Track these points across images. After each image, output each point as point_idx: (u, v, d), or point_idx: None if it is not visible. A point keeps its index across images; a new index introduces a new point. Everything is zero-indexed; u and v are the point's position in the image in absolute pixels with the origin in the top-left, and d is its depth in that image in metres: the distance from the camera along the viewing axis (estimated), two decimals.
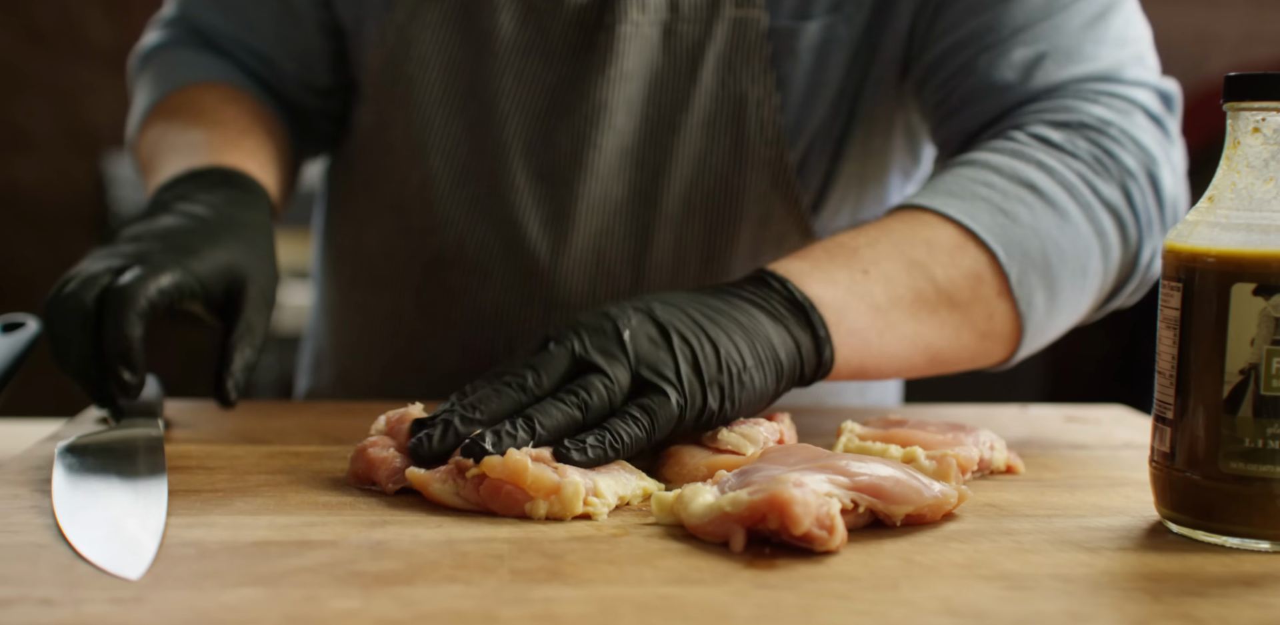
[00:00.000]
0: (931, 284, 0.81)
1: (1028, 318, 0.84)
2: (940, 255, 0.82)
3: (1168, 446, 0.65)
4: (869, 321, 0.79)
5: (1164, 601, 0.55)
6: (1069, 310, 0.87)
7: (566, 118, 0.99)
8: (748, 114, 0.98)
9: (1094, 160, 0.88)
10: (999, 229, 0.83)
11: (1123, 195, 0.87)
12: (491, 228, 1.02)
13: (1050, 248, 0.84)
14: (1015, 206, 0.84)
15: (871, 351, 0.80)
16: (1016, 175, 0.86)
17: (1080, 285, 0.86)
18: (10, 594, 0.53)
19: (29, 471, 0.73)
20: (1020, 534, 0.65)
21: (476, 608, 0.52)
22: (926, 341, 0.82)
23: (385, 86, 1.03)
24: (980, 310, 0.83)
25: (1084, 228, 0.86)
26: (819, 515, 0.60)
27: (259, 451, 0.79)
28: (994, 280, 0.83)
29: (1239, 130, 0.63)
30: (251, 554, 0.59)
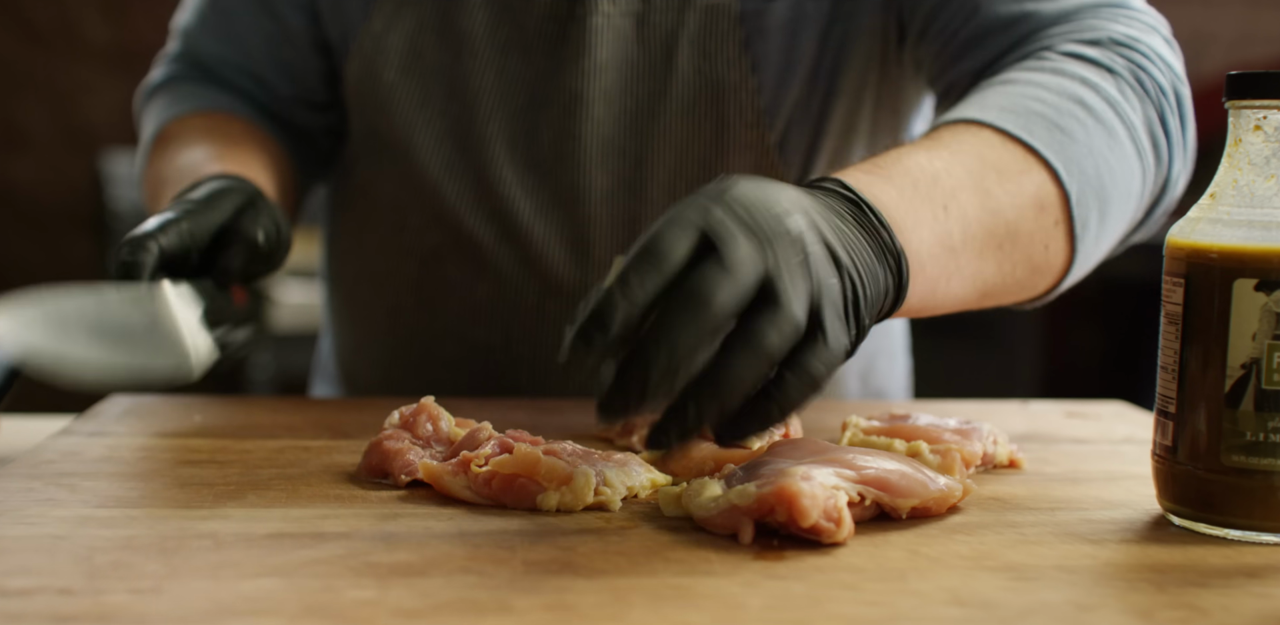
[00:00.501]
0: (1001, 219, 0.77)
1: (1080, 244, 0.81)
2: (1009, 184, 0.77)
3: (1170, 440, 0.66)
4: (942, 267, 0.74)
5: (1168, 592, 0.56)
6: (1109, 237, 0.84)
7: (546, 110, 1.01)
8: (726, 99, 0.99)
9: (1132, 76, 0.85)
10: (1057, 146, 0.79)
11: (1157, 114, 0.85)
12: (484, 220, 1.04)
13: (1103, 168, 0.81)
14: (1069, 122, 0.80)
15: (936, 296, 0.75)
16: (1064, 91, 0.82)
17: (1125, 208, 0.83)
18: (30, 584, 0.53)
19: (42, 465, 0.74)
20: (1024, 526, 0.65)
21: (491, 598, 0.53)
22: (985, 279, 0.78)
23: (366, 94, 1.05)
24: (1039, 242, 0.79)
25: (1128, 148, 0.83)
26: (826, 508, 0.61)
27: (269, 446, 0.80)
28: (1055, 206, 0.79)
29: (1240, 128, 0.64)
30: (267, 546, 0.59)
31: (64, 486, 0.69)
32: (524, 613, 0.51)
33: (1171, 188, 0.88)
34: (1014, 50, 0.90)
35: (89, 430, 0.84)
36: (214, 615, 0.50)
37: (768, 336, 0.58)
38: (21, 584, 0.53)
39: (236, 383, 2.91)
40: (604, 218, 1.02)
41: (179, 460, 0.76)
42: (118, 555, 0.57)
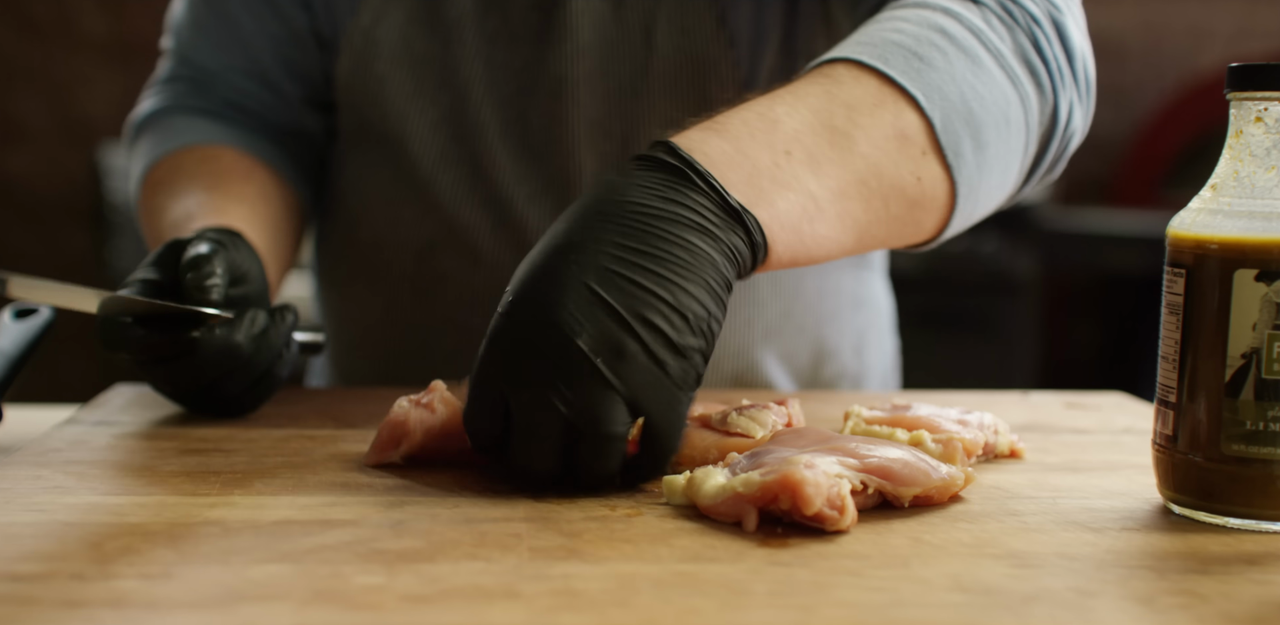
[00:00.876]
0: (857, 155, 0.76)
1: (958, 172, 0.80)
2: (862, 117, 0.76)
3: (1170, 429, 0.66)
4: (800, 210, 0.73)
5: (1168, 579, 0.56)
6: (999, 167, 0.83)
7: (534, 96, 1.02)
8: (707, 74, 1.00)
9: (999, 7, 0.84)
10: (914, 73, 0.78)
11: (1031, 43, 0.84)
12: (478, 208, 1.04)
13: (969, 93, 0.80)
14: (928, 51, 0.80)
15: (804, 242, 0.74)
16: (925, 21, 0.82)
17: (1005, 137, 0.82)
18: (42, 569, 0.54)
19: (49, 453, 0.74)
20: (1026, 515, 0.66)
21: (498, 583, 0.53)
22: (855, 218, 0.77)
23: (358, 87, 1.05)
24: (908, 173, 0.78)
25: (998, 74, 0.81)
26: (830, 496, 0.61)
27: (274, 435, 0.81)
28: (920, 135, 0.78)
29: (1241, 119, 0.65)
30: (274, 532, 0.60)
31: (72, 474, 0.70)
32: (531, 598, 0.52)
33: (1063, 119, 0.86)
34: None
35: (94, 420, 0.84)
36: (225, 600, 0.51)
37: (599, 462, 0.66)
38: (33, 569, 0.54)
39: None
40: None
41: (185, 449, 0.76)
42: (127, 541, 0.58)
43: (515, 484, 0.69)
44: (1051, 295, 3.49)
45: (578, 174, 1.02)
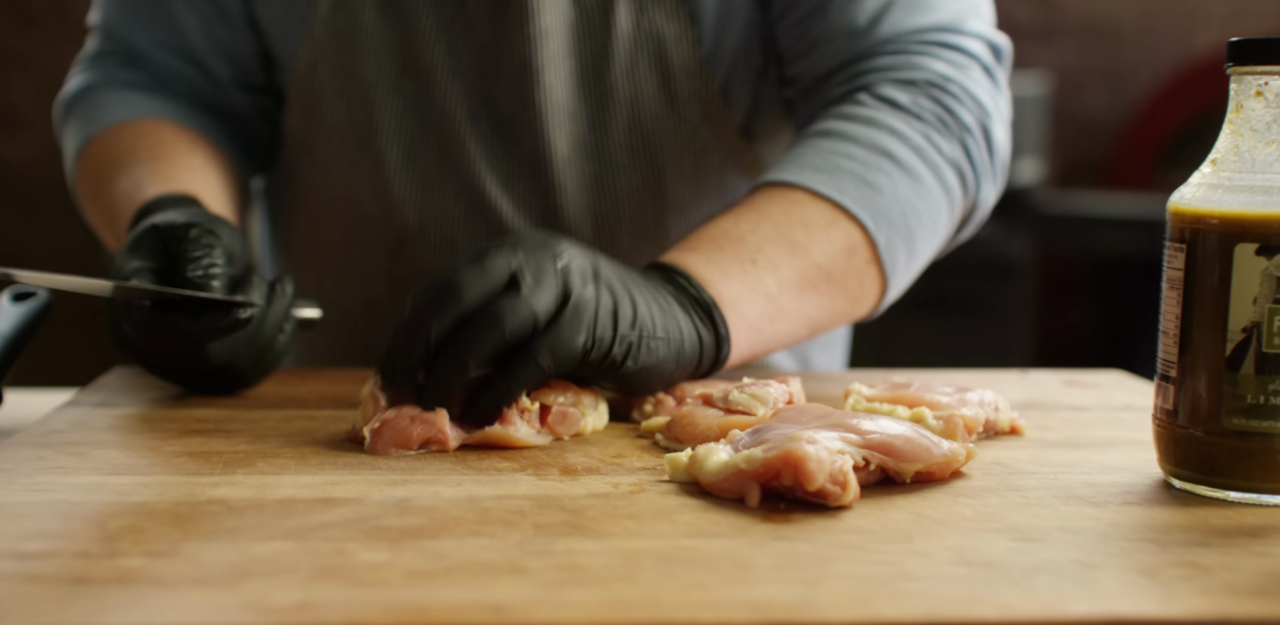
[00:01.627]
0: (812, 264, 0.87)
1: (891, 277, 0.92)
2: (817, 234, 0.87)
3: (1171, 404, 0.66)
4: (761, 310, 0.84)
5: (1170, 551, 0.57)
6: (922, 261, 0.96)
7: (499, 81, 1.01)
8: (668, 52, 1.01)
9: (937, 120, 0.94)
10: (865, 200, 0.89)
11: (963, 151, 0.95)
12: (450, 198, 1.04)
13: (909, 212, 0.91)
14: (877, 177, 0.91)
15: (764, 338, 0.85)
16: (873, 144, 0.92)
17: (932, 239, 0.95)
18: (47, 547, 0.54)
19: (51, 434, 0.74)
20: (1027, 490, 0.66)
21: (503, 559, 0.54)
22: (809, 316, 0.88)
23: (320, 80, 1.03)
24: (854, 280, 0.90)
25: (934, 187, 0.93)
26: (832, 471, 0.62)
27: (275, 416, 0.81)
28: (864, 249, 0.89)
29: (1242, 94, 0.65)
30: (278, 511, 0.60)
31: (74, 455, 0.70)
32: (536, 573, 0.52)
33: (980, 207, 0.99)
34: (843, 68, 0.99)
35: (94, 401, 0.85)
36: (230, 577, 0.51)
37: (499, 313, 0.71)
38: (38, 547, 0.54)
39: None
40: (569, 183, 1.03)
41: (186, 430, 0.76)
42: (131, 520, 0.58)
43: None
44: (1047, 278, 3.49)
45: (549, 158, 1.02)
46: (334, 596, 0.49)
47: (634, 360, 0.76)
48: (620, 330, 0.75)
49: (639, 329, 0.76)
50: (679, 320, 0.79)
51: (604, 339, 0.74)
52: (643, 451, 0.74)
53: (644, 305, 0.77)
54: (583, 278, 0.75)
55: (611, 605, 0.49)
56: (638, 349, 0.76)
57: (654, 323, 0.77)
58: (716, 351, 0.82)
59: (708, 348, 0.81)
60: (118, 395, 0.87)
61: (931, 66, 0.96)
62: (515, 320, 0.71)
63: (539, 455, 0.72)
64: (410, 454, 0.71)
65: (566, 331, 0.73)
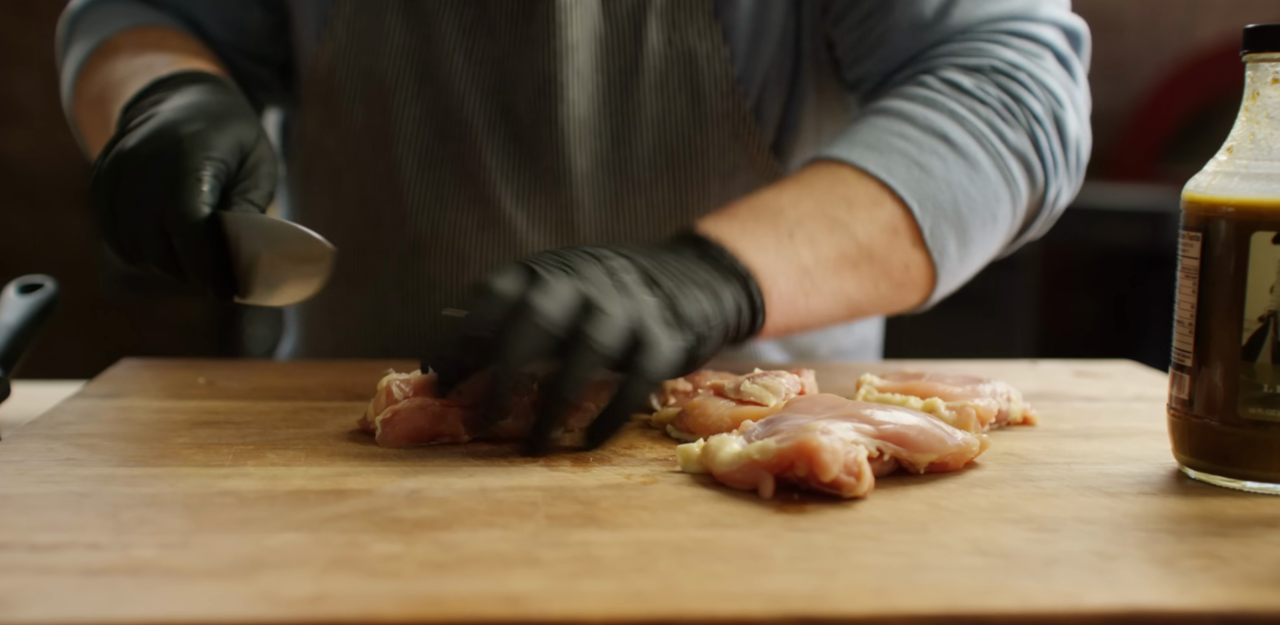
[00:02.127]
0: (852, 241, 0.84)
1: (941, 266, 0.88)
2: (859, 212, 0.85)
3: (1186, 394, 0.66)
4: (796, 284, 0.82)
5: (1188, 542, 0.56)
6: (980, 254, 0.91)
7: (520, 92, 0.99)
8: (700, 69, 0.98)
9: (1003, 107, 0.90)
10: (914, 182, 0.86)
11: (1030, 142, 0.90)
12: (463, 209, 1.02)
13: (961, 199, 0.87)
14: (929, 159, 0.87)
15: (799, 312, 0.83)
16: (930, 126, 0.88)
17: (990, 231, 0.90)
18: (59, 539, 0.53)
19: (60, 426, 0.74)
20: (1041, 480, 0.66)
21: (517, 550, 0.53)
22: (848, 295, 0.85)
23: (339, 81, 1.01)
24: (897, 261, 0.86)
25: (993, 176, 0.88)
26: (847, 462, 0.61)
27: (285, 407, 0.80)
28: (909, 232, 0.86)
29: (1258, 81, 0.64)
30: (290, 502, 0.60)
31: (84, 447, 0.69)
32: (551, 565, 0.52)
33: (1051, 201, 0.94)
34: (909, 63, 0.95)
35: (103, 393, 0.84)
36: (243, 569, 0.51)
37: (598, 338, 0.68)
38: (51, 539, 0.53)
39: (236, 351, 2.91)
40: (587, 200, 1.01)
41: (196, 422, 0.76)
42: (143, 511, 0.58)
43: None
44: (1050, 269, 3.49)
45: (568, 173, 1.00)
46: (348, 588, 0.49)
47: (705, 351, 0.75)
48: (697, 329, 0.73)
49: (706, 321, 0.74)
50: (720, 293, 0.76)
51: (690, 340, 0.73)
52: (654, 442, 0.73)
53: (695, 295, 0.75)
54: (641, 286, 0.73)
55: (628, 596, 0.49)
56: (709, 339, 0.74)
57: (706, 308, 0.75)
58: (752, 321, 0.79)
59: (745, 318, 0.78)
60: (126, 387, 0.86)
61: (1000, 54, 0.92)
62: (614, 339, 0.69)
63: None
64: (421, 446, 0.71)
65: (658, 344, 0.70)
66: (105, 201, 0.78)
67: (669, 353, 0.70)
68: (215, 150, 0.77)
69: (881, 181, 0.85)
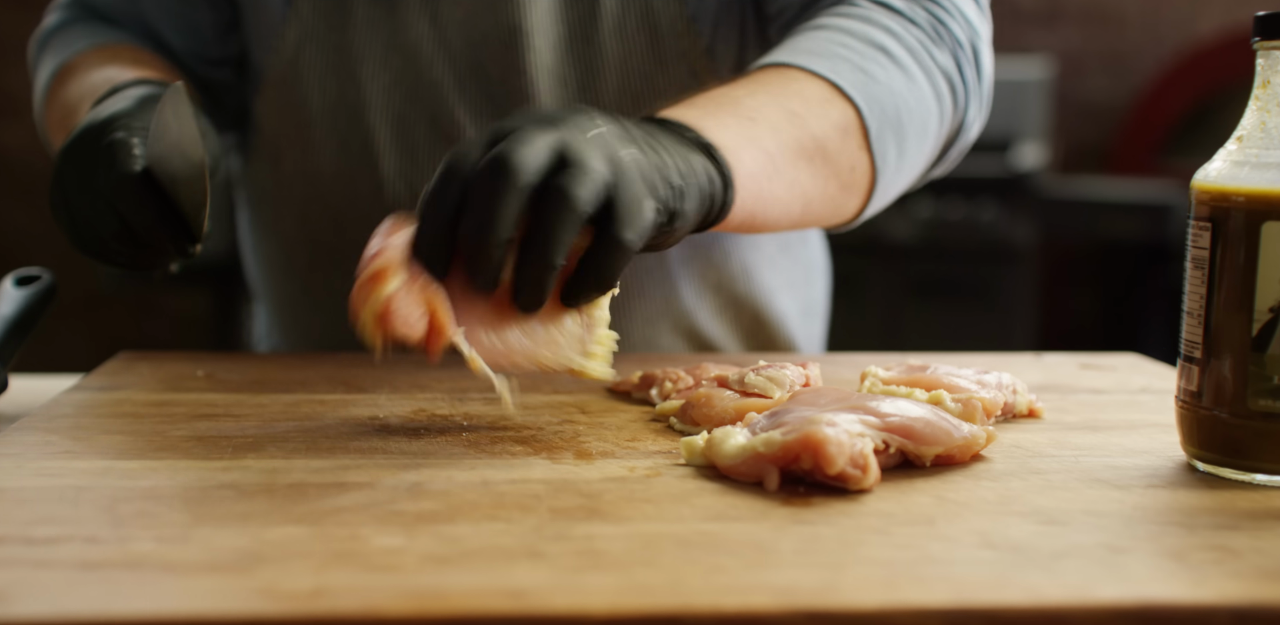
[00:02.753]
0: (809, 134, 0.84)
1: (881, 171, 0.89)
2: (814, 107, 0.85)
3: (1195, 386, 0.65)
4: (761, 165, 0.80)
5: (1198, 535, 0.56)
6: (910, 169, 0.93)
7: (486, 49, 1.00)
8: (656, 11, 1.00)
9: (931, 28, 0.93)
10: (861, 85, 0.87)
11: (954, 64, 0.93)
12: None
13: (902, 106, 0.89)
14: (871, 66, 0.89)
15: (763, 195, 0.81)
16: (868, 37, 0.90)
17: (922, 144, 0.92)
18: (57, 533, 0.53)
19: (57, 419, 0.73)
20: (1049, 473, 0.65)
21: (520, 544, 0.53)
22: (803, 188, 0.85)
23: (308, 59, 1.02)
24: (845, 161, 0.87)
25: (926, 90, 0.91)
26: (852, 454, 0.61)
27: (284, 400, 0.80)
28: (857, 133, 0.87)
29: (1269, 69, 0.64)
30: (290, 495, 0.59)
31: (81, 440, 0.69)
32: (554, 559, 0.51)
33: (966, 130, 0.97)
34: None
35: (99, 386, 0.84)
36: (243, 562, 0.50)
37: (574, 190, 0.65)
38: (47, 532, 0.53)
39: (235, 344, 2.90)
40: None
41: (194, 414, 0.75)
42: (141, 505, 0.57)
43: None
44: (1050, 263, 3.49)
45: None
46: (349, 582, 0.48)
47: (683, 210, 0.72)
48: (673, 181, 0.71)
49: (679, 177, 0.71)
50: (692, 162, 0.74)
51: (665, 196, 0.70)
52: (657, 435, 0.73)
53: (668, 155, 0.72)
54: (622, 140, 0.70)
55: (633, 590, 0.48)
56: (683, 198, 0.72)
57: (681, 171, 0.72)
58: (725, 193, 0.76)
59: (718, 188, 0.76)
60: (123, 380, 0.86)
61: None
62: (589, 192, 0.65)
63: (552, 439, 0.71)
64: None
65: (636, 199, 0.67)
66: (61, 203, 0.83)
67: (646, 212, 0.68)
68: (138, 120, 0.82)
69: (832, 83, 0.86)
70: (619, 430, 0.73)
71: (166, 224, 0.81)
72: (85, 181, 0.81)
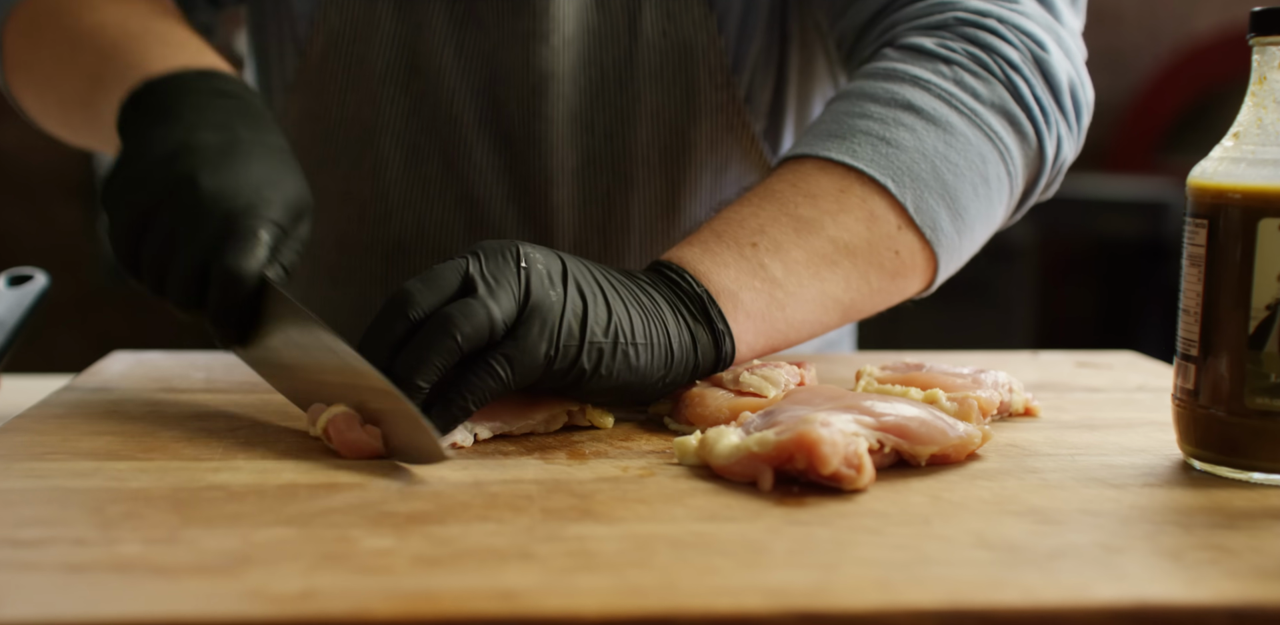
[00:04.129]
0: (824, 239, 0.78)
1: (937, 242, 0.81)
2: (826, 204, 0.79)
3: (1191, 384, 0.65)
4: (768, 299, 0.76)
5: (1195, 534, 0.55)
6: (981, 222, 0.85)
7: (512, 88, 0.97)
8: (695, 61, 0.96)
9: (971, 60, 0.84)
10: (882, 159, 0.80)
11: (1009, 92, 0.84)
12: (450, 208, 1.00)
13: (942, 166, 0.81)
14: (896, 132, 0.81)
15: (777, 328, 0.77)
16: (892, 98, 0.83)
17: (985, 195, 0.83)
18: (43, 535, 0.52)
19: (47, 420, 0.73)
20: (1045, 472, 0.65)
21: (511, 545, 0.52)
22: (834, 297, 0.79)
23: (330, 69, 0.99)
24: (883, 249, 0.80)
25: (973, 136, 0.82)
26: (847, 454, 0.60)
27: (276, 401, 0.79)
28: (890, 214, 0.80)
29: (1266, 65, 0.63)
30: (280, 496, 0.58)
31: (70, 441, 0.68)
32: (546, 559, 0.51)
33: (1050, 154, 0.87)
34: (884, 13, 0.91)
35: (91, 386, 0.83)
36: (232, 564, 0.49)
37: (451, 317, 0.66)
38: (34, 534, 0.52)
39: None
40: (578, 198, 0.99)
41: (185, 415, 0.75)
42: (129, 506, 0.56)
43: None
44: (1048, 261, 3.48)
45: (558, 171, 0.98)
46: (338, 584, 0.48)
47: (607, 369, 0.69)
48: (591, 336, 0.69)
49: (613, 334, 0.69)
50: (665, 321, 0.72)
51: (570, 346, 0.68)
52: (650, 434, 0.72)
53: (621, 308, 0.70)
54: (548, 280, 0.69)
55: (625, 591, 0.48)
56: (611, 357, 0.69)
57: (632, 327, 0.70)
58: (717, 350, 0.74)
59: (704, 347, 0.73)
60: (115, 381, 0.85)
61: (965, 4, 0.87)
62: (469, 325, 0.66)
63: (545, 439, 0.71)
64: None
65: (529, 339, 0.67)
66: (138, 212, 0.74)
67: (532, 353, 0.67)
68: (274, 209, 0.74)
69: (849, 166, 0.80)
70: (611, 430, 0.73)
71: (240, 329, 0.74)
72: (190, 234, 0.72)
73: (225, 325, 0.73)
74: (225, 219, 0.72)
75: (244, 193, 0.73)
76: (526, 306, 0.68)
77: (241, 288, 0.71)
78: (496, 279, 0.68)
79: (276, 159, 0.77)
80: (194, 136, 0.76)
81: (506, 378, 0.67)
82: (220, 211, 0.72)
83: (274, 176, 0.75)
